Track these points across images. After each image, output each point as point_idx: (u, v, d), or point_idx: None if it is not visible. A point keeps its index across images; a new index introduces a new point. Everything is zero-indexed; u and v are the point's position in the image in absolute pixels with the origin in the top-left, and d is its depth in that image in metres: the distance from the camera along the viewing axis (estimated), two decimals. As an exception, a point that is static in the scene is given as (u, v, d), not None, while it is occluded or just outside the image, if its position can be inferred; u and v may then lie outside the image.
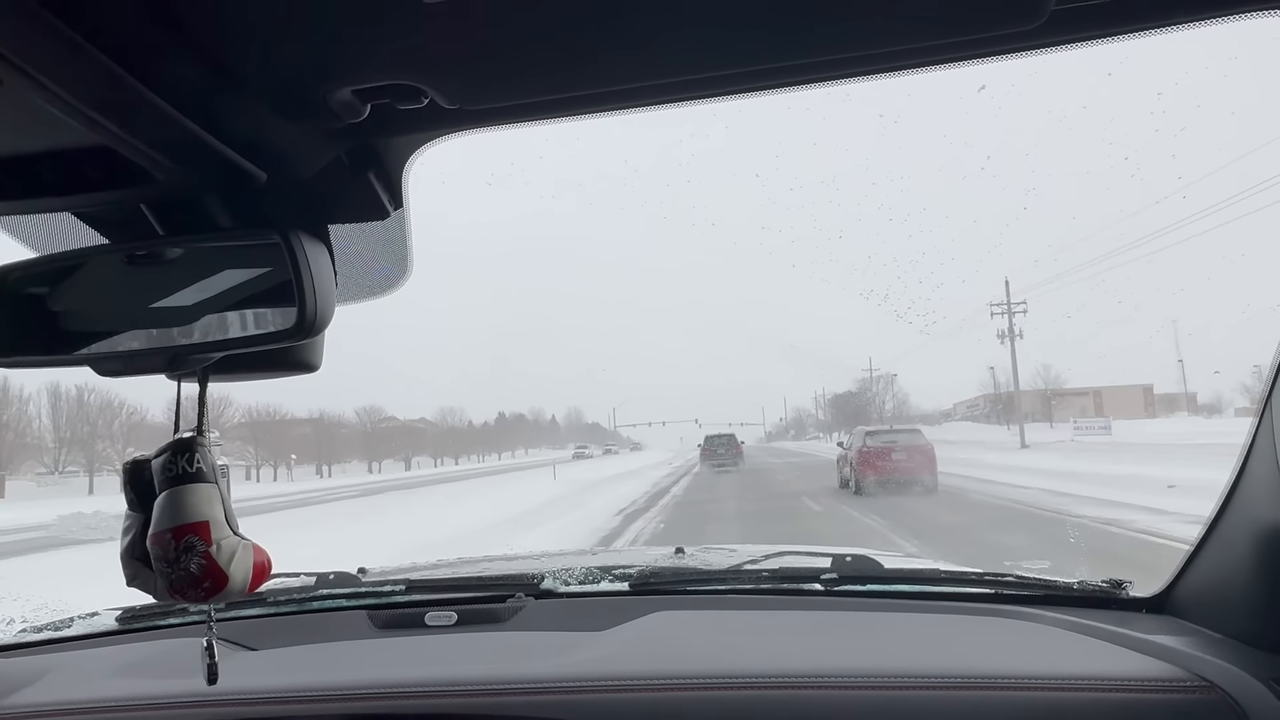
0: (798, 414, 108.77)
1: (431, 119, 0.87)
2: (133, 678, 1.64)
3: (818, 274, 48.58)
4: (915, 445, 17.99)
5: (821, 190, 54.92)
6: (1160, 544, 9.17)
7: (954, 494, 16.58)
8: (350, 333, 3.38)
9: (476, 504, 18.33)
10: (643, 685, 1.44)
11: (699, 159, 33.85)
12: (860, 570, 1.88)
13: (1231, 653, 1.38)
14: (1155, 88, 24.96)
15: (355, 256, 1.05)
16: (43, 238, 0.99)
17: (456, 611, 1.80)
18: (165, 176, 0.84)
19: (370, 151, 0.94)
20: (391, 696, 1.48)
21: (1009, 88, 10.50)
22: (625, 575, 1.92)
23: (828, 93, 0.91)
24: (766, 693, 1.41)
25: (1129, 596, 1.71)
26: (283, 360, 0.98)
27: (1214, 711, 1.29)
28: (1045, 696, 1.35)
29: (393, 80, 0.79)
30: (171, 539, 0.90)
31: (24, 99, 0.70)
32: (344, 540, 12.05)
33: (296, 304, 0.85)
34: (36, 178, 0.84)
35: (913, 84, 1.42)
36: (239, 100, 0.80)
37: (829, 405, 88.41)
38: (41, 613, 2.30)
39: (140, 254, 0.93)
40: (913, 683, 1.39)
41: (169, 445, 0.93)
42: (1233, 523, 1.47)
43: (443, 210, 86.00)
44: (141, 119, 0.76)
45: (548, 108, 0.87)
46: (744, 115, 13.15)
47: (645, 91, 0.85)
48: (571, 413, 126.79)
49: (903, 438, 18.51)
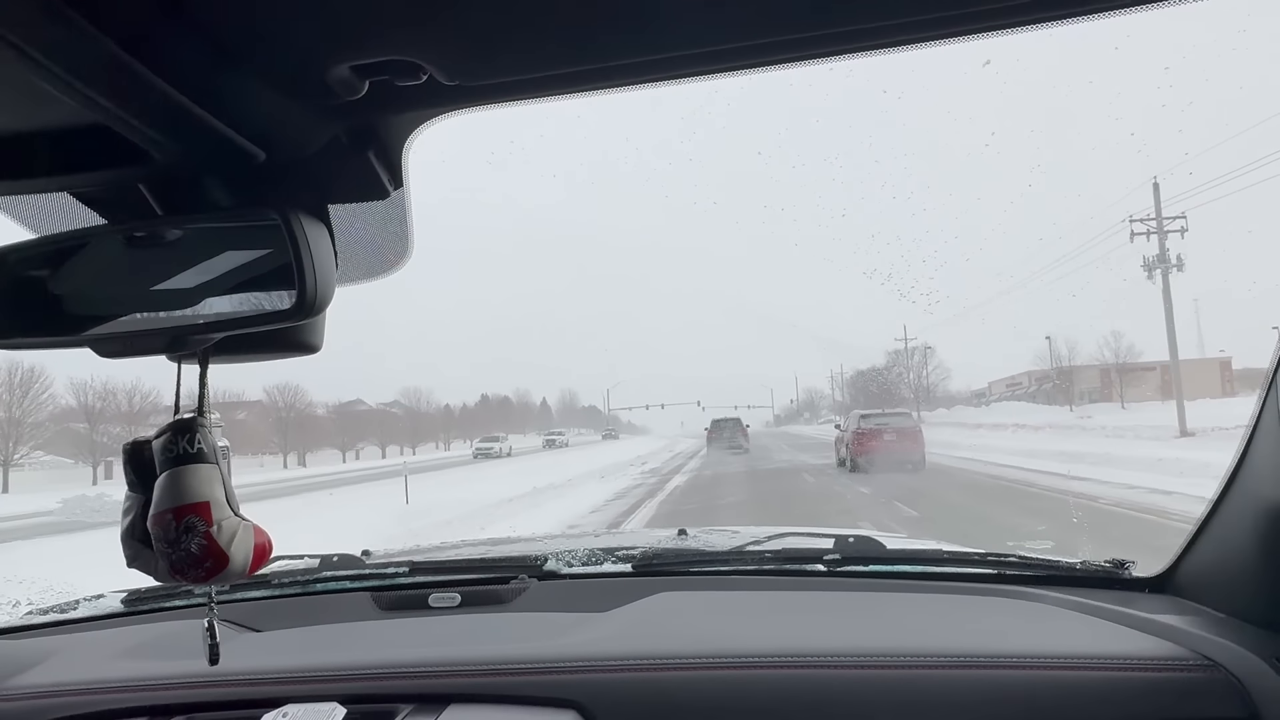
0: (810, 395, 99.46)
1: (431, 96, 0.86)
2: (138, 659, 1.65)
3: (820, 253, 48.20)
4: (905, 427, 20.23)
5: (824, 168, 54.10)
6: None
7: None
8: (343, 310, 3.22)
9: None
10: (646, 665, 1.45)
11: (701, 137, 33.34)
12: (863, 551, 1.89)
13: (1234, 631, 1.38)
14: (1162, 62, 24.20)
15: (355, 237, 1.05)
16: (41, 219, 0.99)
17: (460, 593, 1.81)
18: (163, 155, 0.83)
19: (370, 130, 0.93)
20: (395, 676, 1.49)
21: (1014, 63, 10.31)
22: (628, 556, 1.93)
23: (830, 68, 0.90)
24: (769, 672, 1.42)
25: (1132, 576, 1.71)
26: (283, 341, 0.98)
27: (1217, 689, 1.30)
28: (1048, 675, 1.35)
29: (391, 56, 0.78)
30: (173, 519, 0.90)
31: (20, 77, 0.70)
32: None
33: (296, 284, 0.84)
34: (33, 157, 0.84)
35: (916, 59, 1.41)
36: (236, 77, 0.79)
37: (848, 384, 77.91)
38: (47, 595, 2.32)
39: (140, 235, 0.93)
40: (916, 661, 1.40)
41: (170, 426, 0.93)
42: (1236, 502, 1.47)
43: (441, 191, 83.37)
44: (138, 96, 0.75)
45: (548, 84, 0.86)
46: (746, 92, 12.84)
47: (647, 67, 0.84)
48: (565, 395, 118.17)
49: (894, 420, 20.75)
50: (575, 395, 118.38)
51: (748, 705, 1.38)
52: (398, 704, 1.42)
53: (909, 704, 1.36)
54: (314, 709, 1.41)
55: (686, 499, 16.55)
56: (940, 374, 66.29)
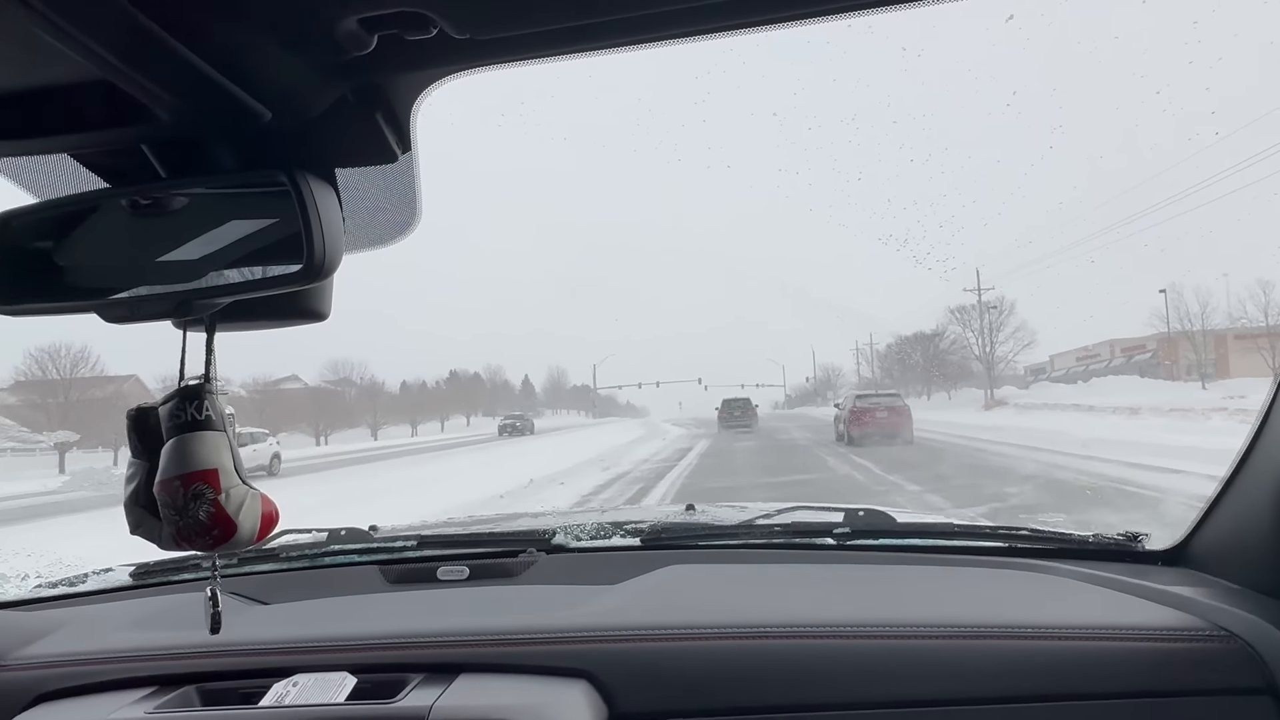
0: (827, 373, 79.57)
1: (440, 52, 0.84)
2: (146, 630, 1.65)
3: (835, 218, 45.41)
4: (895, 406, 22.48)
5: (841, 130, 51.72)
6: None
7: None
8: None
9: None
10: (658, 635, 1.45)
11: (715, 97, 32.50)
12: (872, 524, 1.88)
13: (1250, 602, 1.37)
14: (1190, 16, 22.95)
15: (363, 202, 1.03)
16: (42, 183, 0.97)
17: (468, 566, 1.81)
18: (166, 113, 0.81)
19: (378, 90, 0.91)
20: (405, 646, 1.48)
21: (1038, 17, 10.00)
22: (637, 530, 1.92)
23: (849, 24, 0.87)
24: (780, 642, 1.41)
25: (1145, 550, 1.70)
26: (291, 308, 0.96)
27: (1234, 659, 1.29)
28: (1061, 645, 1.35)
29: (401, 7, 0.76)
30: (180, 486, 0.89)
31: (21, 29, 0.68)
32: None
33: (305, 246, 0.83)
34: (34, 115, 0.82)
35: (938, 14, 1.37)
36: (242, 29, 0.77)
37: (880, 358, 58.70)
38: (56, 568, 2.33)
39: (146, 202, 0.91)
40: (926, 632, 1.39)
41: (177, 392, 0.92)
42: (1252, 475, 1.45)
43: (450, 153, 77.97)
44: (142, 51, 0.73)
45: (559, 39, 0.84)
46: (761, 50, 12.54)
47: (661, 20, 0.82)
48: (554, 372, 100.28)
49: (885, 400, 23.21)
50: (564, 372, 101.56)
51: (758, 674, 1.38)
52: (408, 673, 1.42)
53: (919, 674, 1.36)
54: (324, 678, 1.41)
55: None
56: (1020, 338, 46.42)
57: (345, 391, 58.23)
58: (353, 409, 56.97)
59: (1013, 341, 46.23)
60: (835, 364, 76.49)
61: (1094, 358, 47.73)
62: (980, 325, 44.85)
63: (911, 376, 50.52)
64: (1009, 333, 45.80)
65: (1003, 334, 45.72)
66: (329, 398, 55.93)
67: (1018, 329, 45.65)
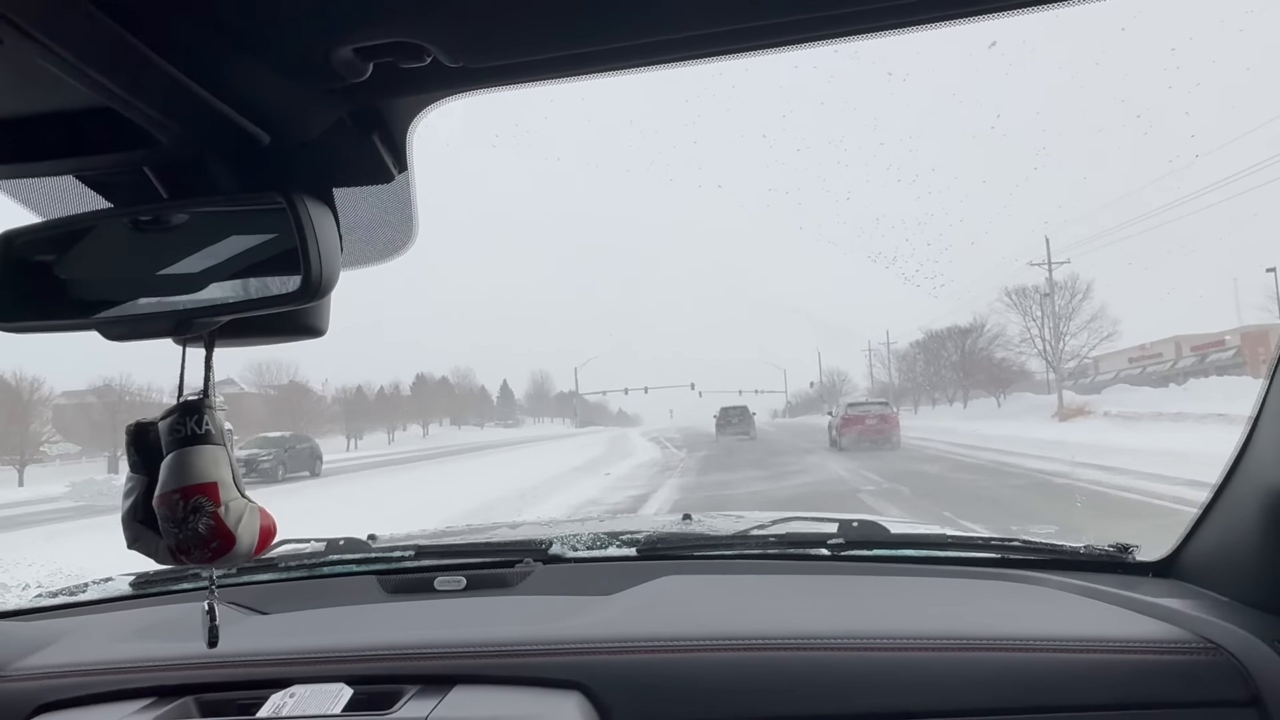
0: (832, 378, 71.42)
1: (435, 78, 0.86)
2: (145, 640, 1.66)
3: (825, 236, 44.91)
4: (883, 414, 23.68)
5: (829, 151, 52.03)
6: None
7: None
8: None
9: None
10: (651, 647, 1.46)
11: (705, 119, 32.57)
12: (866, 535, 1.89)
13: (1237, 615, 1.39)
14: (1169, 43, 22.88)
15: (360, 221, 1.05)
16: (47, 202, 0.99)
17: (465, 576, 1.82)
18: (168, 138, 0.83)
19: (374, 113, 0.93)
20: (401, 658, 1.50)
21: (1020, 44, 10.12)
22: (633, 541, 1.94)
23: (835, 50, 0.89)
24: (774, 654, 1.42)
25: (1135, 561, 1.71)
26: (289, 325, 0.98)
27: (1219, 672, 1.30)
28: (1050, 658, 1.36)
29: (395, 39, 0.78)
30: (180, 499, 0.90)
31: (25, 59, 0.70)
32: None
33: (301, 266, 0.84)
34: (39, 140, 0.84)
35: (922, 41, 1.38)
36: (240, 58, 0.79)
37: (900, 359, 48.31)
38: (56, 578, 2.33)
39: (146, 220, 0.93)
40: (919, 644, 1.40)
41: (177, 407, 0.94)
42: (1240, 487, 1.47)
43: (446, 171, 77.49)
44: (143, 78, 0.75)
45: (552, 66, 0.86)
46: (751, 75, 12.66)
47: (650, 48, 0.84)
48: (537, 376, 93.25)
49: (874, 408, 24.37)
50: (548, 377, 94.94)
51: (752, 686, 1.39)
52: (404, 685, 1.43)
53: (912, 686, 1.37)
54: (321, 689, 1.42)
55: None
56: (1097, 330, 34.92)
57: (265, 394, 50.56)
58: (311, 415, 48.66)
59: (1087, 333, 35.15)
60: (841, 368, 70.08)
61: (1153, 358, 39.90)
62: (1043, 313, 34.25)
63: (942, 379, 41.44)
64: (1083, 321, 34.73)
65: (1073, 323, 34.65)
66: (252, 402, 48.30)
67: (1094, 317, 34.63)
